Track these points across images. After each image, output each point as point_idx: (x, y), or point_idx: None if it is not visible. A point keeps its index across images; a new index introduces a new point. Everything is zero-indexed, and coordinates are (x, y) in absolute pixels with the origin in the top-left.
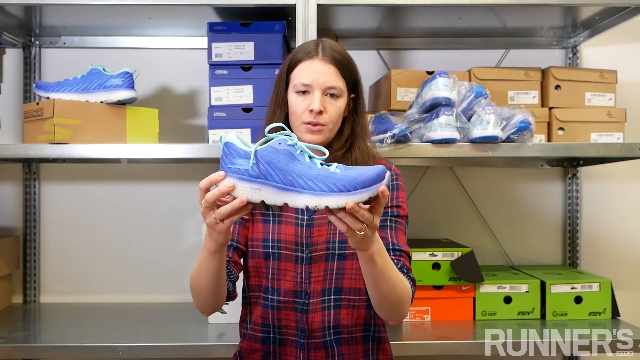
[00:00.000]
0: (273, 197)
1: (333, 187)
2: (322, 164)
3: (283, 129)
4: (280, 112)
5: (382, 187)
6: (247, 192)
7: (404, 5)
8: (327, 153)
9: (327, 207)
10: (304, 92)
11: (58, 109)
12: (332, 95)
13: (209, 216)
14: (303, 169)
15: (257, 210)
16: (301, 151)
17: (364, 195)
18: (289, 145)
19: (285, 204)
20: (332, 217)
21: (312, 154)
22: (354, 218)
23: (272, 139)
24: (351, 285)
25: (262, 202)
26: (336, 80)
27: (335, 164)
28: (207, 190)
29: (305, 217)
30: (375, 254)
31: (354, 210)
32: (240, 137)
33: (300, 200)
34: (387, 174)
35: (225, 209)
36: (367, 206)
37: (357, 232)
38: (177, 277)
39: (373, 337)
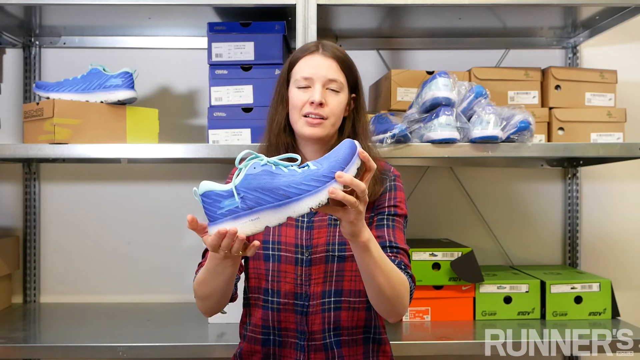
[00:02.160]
0: (274, 217)
1: (324, 179)
2: (299, 168)
3: (250, 154)
4: (281, 110)
5: (358, 150)
6: (249, 226)
7: (404, 5)
8: (299, 158)
9: (328, 199)
10: (305, 87)
11: (58, 109)
12: (333, 89)
13: (229, 256)
14: (288, 179)
15: None
16: (276, 165)
17: (352, 169)
18: (263, 165)
19: (289, 218)
20: (327, 209)
21: (285, 163)
22: (349, 194)
23: (243, 168)
24: (351, 287)
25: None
26: (337, 74)
27: (310, 162)
28: (219, 245)
29: (305, 220)
30: (369, 242)
31: (348, 181)
32: (212, 182)
33: (302, 207)
34: (356, 142)
35: (235, 247)
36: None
37: (351, 208)
38: (177, 277)
39: (373, 339)
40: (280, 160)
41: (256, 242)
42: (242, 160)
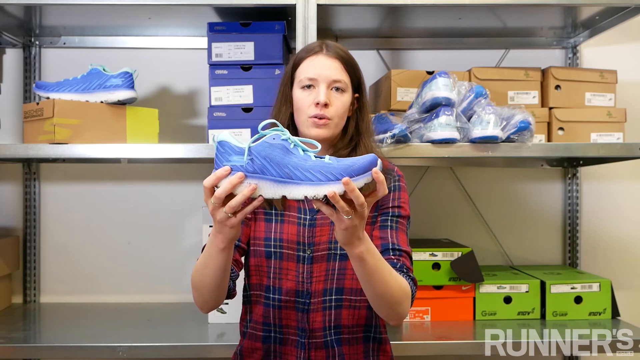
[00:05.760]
0: (271, 190)
1: (330, 176)
2: (315, 157)
3: (275, 125)
4: (285, 109)
5: (374, 168)
6: (244, 187)
7: (404, 5)
8: (319, 146)
9: (325, 196)
10: (309, 86)
11: (58, 109)
12: (337, 89)
13: (220, 213)
14: (299, 162)
15: (260, 209)
16: (295, 145)
17: (360, 181)
18: (283, 139)
19: (284, 197)
20: (324, 207)
21: (305, 147)
22: (345, 202)
23: (265, 135)
24: (352, 285)
25: (265, 200)
26: (341, 74)
27: (327, 156)
28: (213, 188)
29: (308, 217)
30: (365, 253)
31: (350, 189)
32: (233, 135)
33: (298, 191)
34: (379, 161)
35: (236, 200)
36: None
37: (345, 217)
38: (177, 277)
39: (374, 338)
40: (301, 142)
41: (261, 197)
42: (266, 128)
